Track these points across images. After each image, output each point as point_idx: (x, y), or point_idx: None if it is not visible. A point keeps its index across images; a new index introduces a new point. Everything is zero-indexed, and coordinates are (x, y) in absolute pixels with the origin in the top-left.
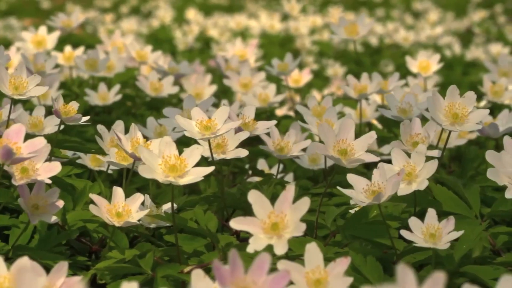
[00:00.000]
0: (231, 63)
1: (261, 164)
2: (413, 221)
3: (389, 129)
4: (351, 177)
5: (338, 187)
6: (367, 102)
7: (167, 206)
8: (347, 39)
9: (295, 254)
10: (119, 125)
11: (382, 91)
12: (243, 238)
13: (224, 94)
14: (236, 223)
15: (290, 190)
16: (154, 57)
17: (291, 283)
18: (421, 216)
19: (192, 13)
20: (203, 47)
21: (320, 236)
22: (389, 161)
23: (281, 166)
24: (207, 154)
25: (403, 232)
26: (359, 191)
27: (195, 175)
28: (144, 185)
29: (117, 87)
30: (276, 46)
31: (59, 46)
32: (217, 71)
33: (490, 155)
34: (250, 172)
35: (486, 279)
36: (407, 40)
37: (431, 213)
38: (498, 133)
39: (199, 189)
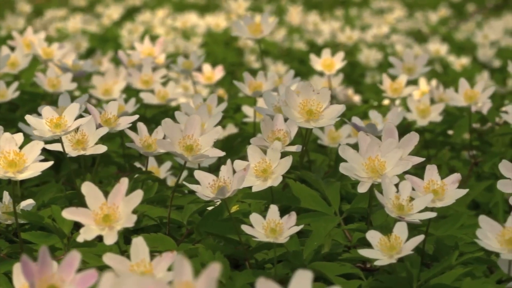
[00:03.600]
0: (132, 59)
1: (152, 162)
2: (254, 217)
3: None
4: (198, 173)
5: (184, 182)
6: None
7: (25, 203)
8: (251, 38)
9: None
10: None
11: (276, 89)
12: None
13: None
14: (69, 214)
15: (123, 183)
16: (60, 54)
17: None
18: (283, 213)
19: (161, 13)
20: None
21: (179, 233)
22: None
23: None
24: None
25: (244, 227)
26: (205, 186)
27: (34, 170)
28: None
29: (15, 84)
30: (221, 44)
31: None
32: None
33: (341, 150)
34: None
35: (331, 276)
36: (351, 39)
37: (273, 208)
38: (376, 132)
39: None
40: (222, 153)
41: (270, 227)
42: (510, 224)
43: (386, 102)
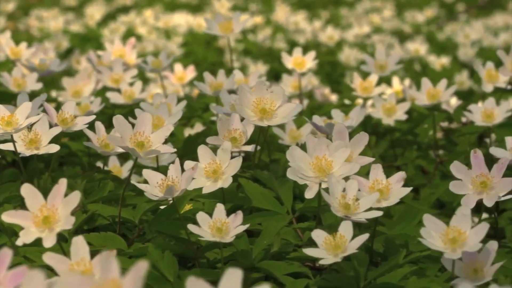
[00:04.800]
0: (103, 60)
1: (113, 161)
2: (200, 216)
3: None
4: (146, 172)
5: (132, 181)
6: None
7: None
8: (221, 36)
9: (95, 249)
10: None
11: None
12: None
13: None
14: (8, 216)
15: (62, 184)
16: (28, 53)
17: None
18: (235, 212)
19: (149, 13)
20: None
21: (133, 232)
22: None
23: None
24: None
25: (191, 227)
26: (154, 186)
27: None
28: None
29: None
30: (201, 44)
31: None
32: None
33: (288, 152)
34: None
35: (278, 275)
36: (332, 38)
37: (220, 208)
38: None
39: None
40: (173, 150)
41: (216, 226)
42: (454, 223)
43: (359, 101)
